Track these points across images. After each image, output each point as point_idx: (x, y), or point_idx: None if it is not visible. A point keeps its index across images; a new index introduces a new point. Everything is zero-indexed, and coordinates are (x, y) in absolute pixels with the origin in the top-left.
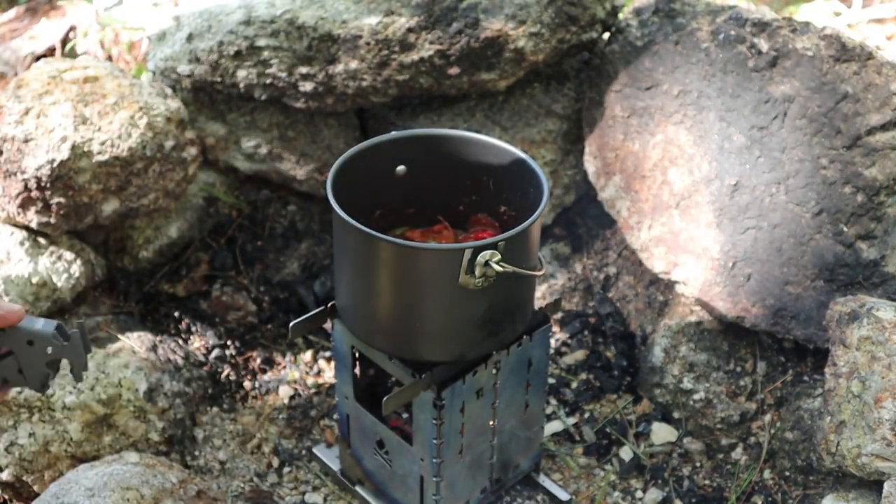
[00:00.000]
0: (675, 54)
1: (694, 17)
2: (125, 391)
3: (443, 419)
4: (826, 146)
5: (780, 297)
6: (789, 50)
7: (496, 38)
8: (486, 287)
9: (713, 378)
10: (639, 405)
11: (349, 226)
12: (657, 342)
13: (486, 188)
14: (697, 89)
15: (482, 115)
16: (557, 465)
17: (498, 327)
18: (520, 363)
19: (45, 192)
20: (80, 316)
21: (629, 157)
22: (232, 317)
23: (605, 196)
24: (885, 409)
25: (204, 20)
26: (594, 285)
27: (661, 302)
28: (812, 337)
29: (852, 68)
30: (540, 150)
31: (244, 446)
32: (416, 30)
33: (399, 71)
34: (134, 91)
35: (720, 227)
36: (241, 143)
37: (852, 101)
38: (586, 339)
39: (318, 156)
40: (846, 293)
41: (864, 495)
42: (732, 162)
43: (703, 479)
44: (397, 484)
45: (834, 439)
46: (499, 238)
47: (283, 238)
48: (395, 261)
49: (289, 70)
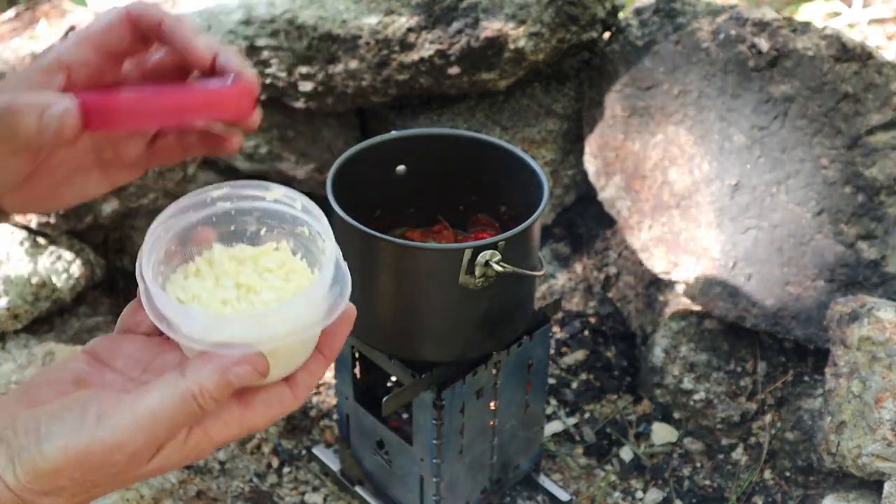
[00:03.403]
0: (675, 54)
1: (694, 16)
2: None
3: (443, 419)
4: (826, 146)
5: (780, 297)
6: (790, 50)
7: (496, 38)
8: (486, 287)
9: (713, 378)
10: (639, 405)
11: (349, 226)
12: (657, 342)
13: (486, 188)
14: (698, 89)
15: (482, 115)
16: (557, 465)
17: (498, 327)
18: (520, 363)
19: None
20: (80, 316)
21: (629, 156)
22: None
23: (606, 196)
24: (886, 409)
25: (203, 20)
26: (594, 285)
27: (662, 302)
28: (812, 337)
29: (852, 68)
30: (540, 150)
31: (244, 446)
32: (416, 29)
33: (399, 71)
34: None
35: (720, 227)
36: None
37: (852, 101)
38: (586, 339)
39: (318, 156)
40: (847, 293)
41: (864, 495)
42: (733, 162)
43: (704, 479)
44: (397, 484)
45: (834, 439)
46: (499, 238)
47: None
48: (395, 261)
49: (288, 70)
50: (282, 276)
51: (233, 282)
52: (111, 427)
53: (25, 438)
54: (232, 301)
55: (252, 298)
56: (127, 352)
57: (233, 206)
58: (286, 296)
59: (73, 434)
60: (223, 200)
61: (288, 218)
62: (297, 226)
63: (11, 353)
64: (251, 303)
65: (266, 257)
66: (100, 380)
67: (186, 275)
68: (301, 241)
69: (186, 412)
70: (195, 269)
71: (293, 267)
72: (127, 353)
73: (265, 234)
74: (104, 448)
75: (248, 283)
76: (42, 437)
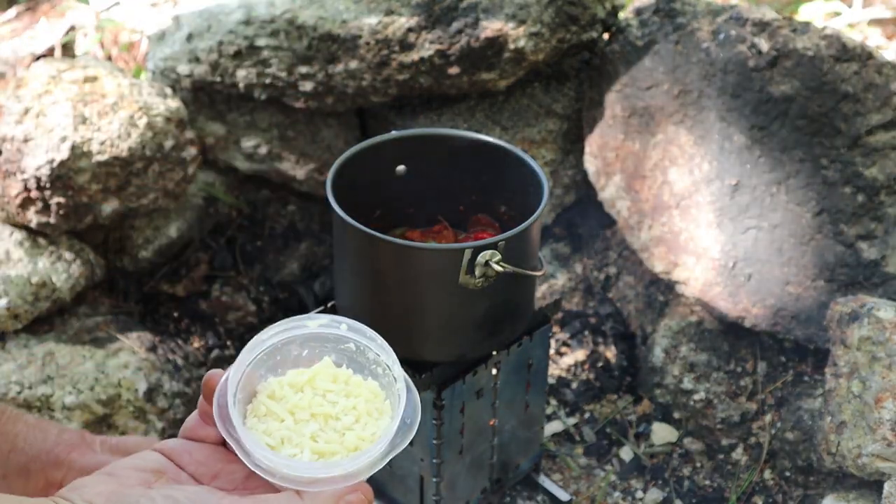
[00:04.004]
0: (675, 54)
1: (694, 16)
2: (125, 391)
3: (443, 419)
4: (826, 146)
5: (780, 297)
6: (790, 50)
7: (496, 38)
8: (486, 287)
9: (713, 378)
10: (639, 405)
11: (349, 226)
12: (657, 342)
13: (486, 188)
14: (698, 89)
15: (482, 115)
16: (557, 465)
17: (498, 327)
18: (520, 363)
19: (45, 192)
20: (80, 316)
21: (629, 156)
22: (232, 317)
23: (606, 196)
24: (886, 409)
25: (203, 20)
26: (594, 285)
27: (662, 302)
28: (812, 337)
29: (852, 68)
30: (540, 150)
31: None
32: (415, 29)
33: (399, 70)
34: (133, 91)
35: (720, 227)
36: (240, 143)
37: (852, 101)
38: (586, 339)
39: (318, 156)
40: (846, 293)
41: (864, 495)
42: (733, 162)
43: (704, 479)
44: (397, 484)
45: (834, 439)
46: (499, 238)
47: (283, 238)
48: (395, 261)
49: (288, 70)
50: (343, 394)
51: (307, 413)
52: None
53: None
54: (318, 433)
55: (334, 426)
56: (197, 458)
57: (279, 339)
58: (362, 416)
59: None
60: (272, 338)
61: (331, 338)
62: (340, 343)
63: (11, 353)
64: (335, 430)
65: (320, 378)
66: (176, 475)
67: (258, 416)
68: (345, 354)
69: None
70: (264, 410)
71: (346, 379)
72: (197, 459)
73: (307, 356)
74: None
75: (323, 412)
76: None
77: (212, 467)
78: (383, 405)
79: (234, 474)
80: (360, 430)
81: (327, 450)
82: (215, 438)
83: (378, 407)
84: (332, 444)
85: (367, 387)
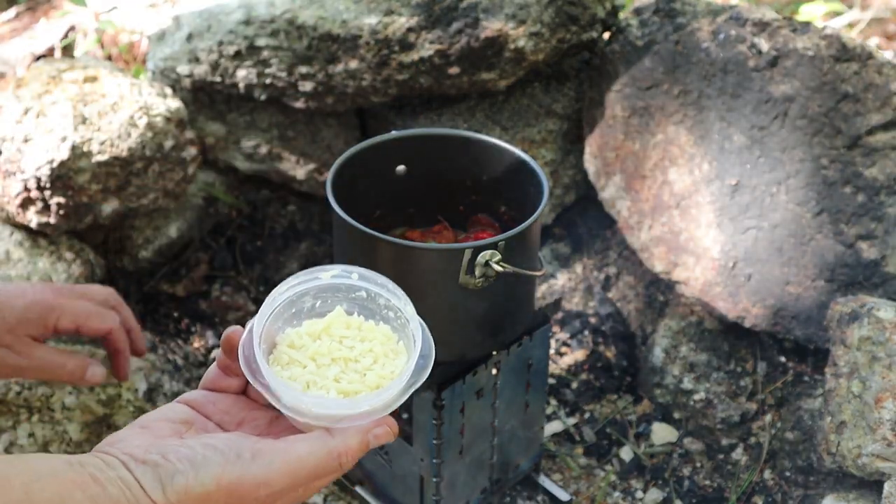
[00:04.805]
0: (675, 54)
1: (694, 16)
2: (125, 391)
3: (443, 419)
4: (826, 146)
5: (780, 297)
6: (790, 50)
7: (496, 38)
8: (486, 287)
9: (713, 378)
10: (639, 405)
11: (349, 226)
12: (657, 342)
13: (486, 188)
14: (698, 89)
15: (482, 115)
16: (557, 465)
17: (498, 327)
18: (520, 363)
19: (45, 192)
20: None
21: (629, 156)
22: (232, 317)
23: (606, 196)
24: (886, 409)
25: (203, 20)
26: (594, 285)
27: (662, 302)
28: (812, 337)
29: (852, 68)
30: (540, 150)
31: None
32: (415, 29)
33: (399, 70)
34: (133, 91)
35: (720, 227)
36: (240, 143)
37: (852, 101)
38: (586, 339)
39: (318, 156)
40: (847, 293)
41: (864, 496)
42: (733, 162)
43: (704, 479)
44: (397, 484)
45: (834, 439)
46: (499, 238)
47: (283, 238)
48: (395, 261)
49: (288, 70)
50: (358, 339)
51: (328, 358)
52: (265, 465)
53: (180, 464)
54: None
55: (355, 367)
56: (221, 408)
57: (294, 293)
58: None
59: (229, 466)
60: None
61: (343, 288)
62: (352, 292)
63: None
64: (356, 371)
65: (335, 326)
66: (203, 425)
67: (281, 364)
68: (356, 302)
69: (329, 466)
70: (287, 359)
71: (359, 325)
72: (221, 409)
73: (319, 307)
74: (254, 482)
75: (343, 356)
76: (198, 465)
77: (236, 416)
78: (397, 346)
79: (258, 420)
80: (380, 369)
81: (351, 389)
82: (237, 388)
83: (392, 348)
84: (354, 384)
85: (379, 331)
